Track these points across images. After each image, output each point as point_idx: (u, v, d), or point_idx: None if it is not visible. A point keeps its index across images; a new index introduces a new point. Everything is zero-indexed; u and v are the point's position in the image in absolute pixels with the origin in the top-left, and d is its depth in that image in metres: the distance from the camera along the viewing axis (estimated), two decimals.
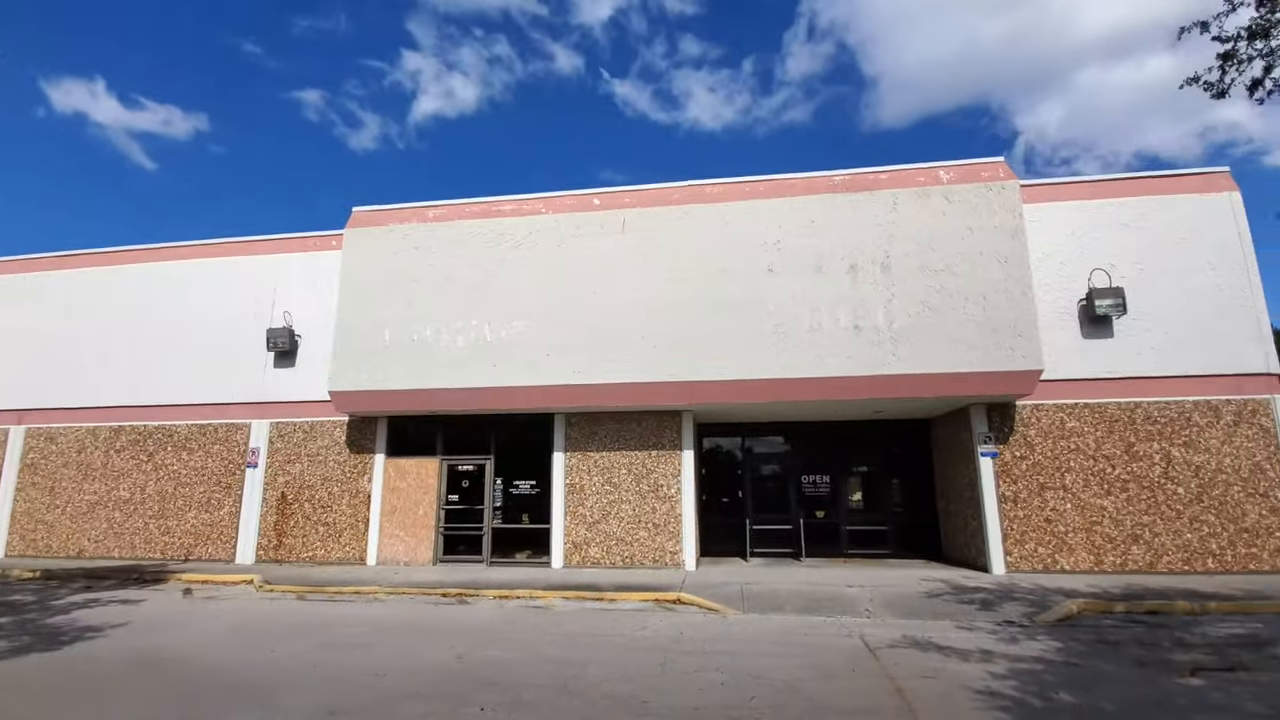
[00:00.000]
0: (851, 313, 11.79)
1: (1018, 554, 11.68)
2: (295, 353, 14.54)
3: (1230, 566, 11.18)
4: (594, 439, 13.27)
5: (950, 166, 12.14)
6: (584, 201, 13.26)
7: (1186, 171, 12.54)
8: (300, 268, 15.00)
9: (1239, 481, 11.40)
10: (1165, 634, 7.57)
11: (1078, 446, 11.86)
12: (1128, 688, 5.60)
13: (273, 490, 14.19)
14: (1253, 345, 11.71)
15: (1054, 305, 12.18)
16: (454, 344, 12.94)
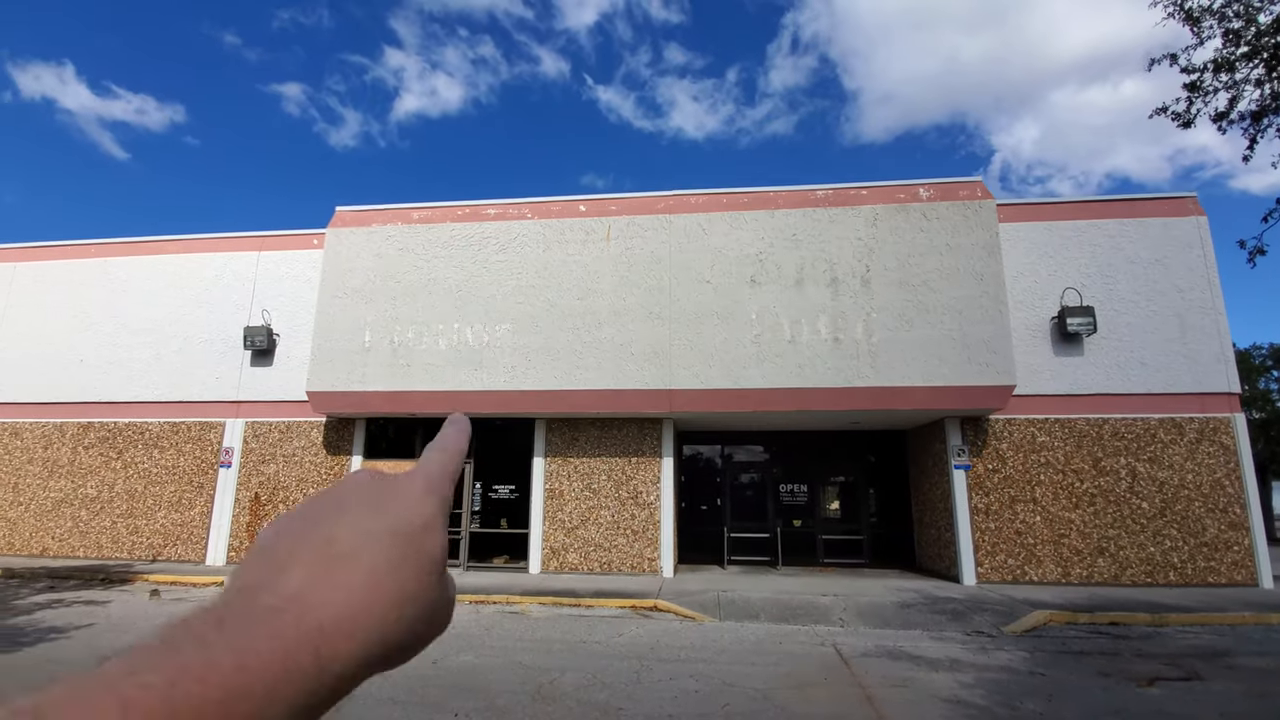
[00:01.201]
0: (831, 325, 11.98)
1: (989, 565, 11.91)
2: (273, 352, 14.36)
3: (1190, 579, 11.51)
4: (574, 445, 13.29)
5: (930, 184, 12.40)
6: (569, 207, 13.31)
7: (1156, 196, 12.95)
8: (280, 266, 14.83)
9: (1200, 497, 11.76)
10: (1127, 644, 7.78)
11: (1048, 460, 12.14)
12: (1089, 697, 5.77)
13: (246, 491, 13.98)
14: (1216, 365, 12.10)
15: (1027, 322, 12.48)
16: (435, 346, 12.89)
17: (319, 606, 0.30)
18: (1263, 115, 7.15)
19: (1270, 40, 6.69)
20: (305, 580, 0.32)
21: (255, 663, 0.27)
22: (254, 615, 0.29)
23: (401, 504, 0.37)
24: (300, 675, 0.28)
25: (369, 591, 0.32)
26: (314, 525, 0.35)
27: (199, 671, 0.26)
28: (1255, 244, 7.25)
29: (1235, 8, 6.84)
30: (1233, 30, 6.91)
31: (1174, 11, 6.98)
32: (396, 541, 0.35)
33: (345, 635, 0.30)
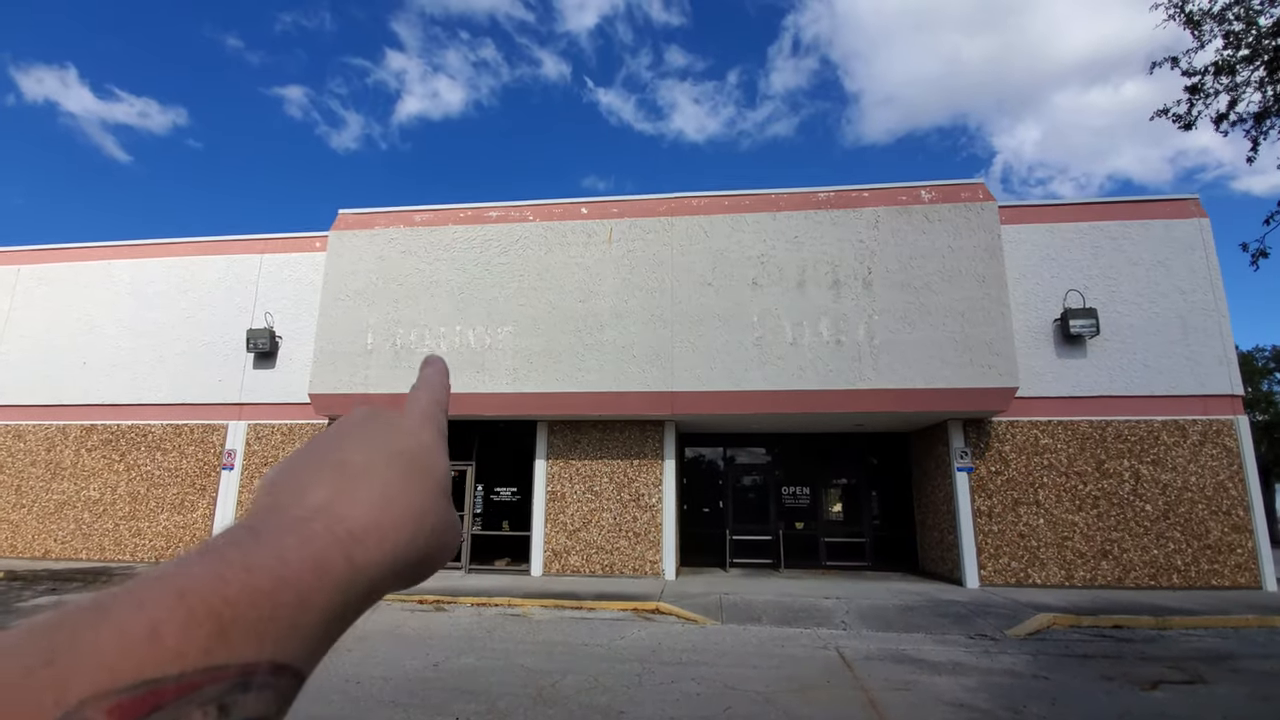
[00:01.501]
0: (833, 327, 11.97)
1: (992, 568, 11.88)
2: (275, 354, 14.39)
3: (1194, 582, 11.47)
4: (576, 447, 13.29)
5: (932, 186, 12.40)
6: (571, 210, 13.33)
7: (1158, 198, 12.94)
8: (282, 268, 14.87)
9: (1203, 499, 11.72)
10: (1130, 647, 7.76)
11: (1051, 463, 12.12)
12: (1093, 701, 5.75)
13: (248, 493, 13.99)
14: (1219, 367, 12.07)
15: (1029, 324, 12.46)
16: (437, 349, 12.90)
17: (346, 517, 0.32)
18: (1265, 117, 7.15)
19: (1271, 43, 6.69)
20: (328, 495, 0.33)
21: (294, 558, 0.28)
22: (285, 525, 0.31)
23: (402, 431, 0.39)
24: (334, 574, 0.29)
25: (388, 504, 0.34)
26: (324, 453, 0.36)
27: (244, 564, 0.27)
28: (1258, 246, 7.24)
29: (1236, 10, 6.84)
30: (1233, 33, 6.91)
31: (1174, 14, 6.98)
32: (404, 461, 0.37)
33: (374, 541, 0.32)
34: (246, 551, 0.28)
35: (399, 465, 0.36)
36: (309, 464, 0.36)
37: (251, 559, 0.27)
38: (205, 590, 0.25)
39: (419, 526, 0.35)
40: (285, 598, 0.27)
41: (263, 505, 0.33)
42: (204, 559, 0.27)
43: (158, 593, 0.25)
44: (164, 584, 0.25)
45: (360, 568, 0.31)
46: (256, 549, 0.28)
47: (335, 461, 0.35)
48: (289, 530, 0.30)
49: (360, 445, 0.37)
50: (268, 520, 0.31)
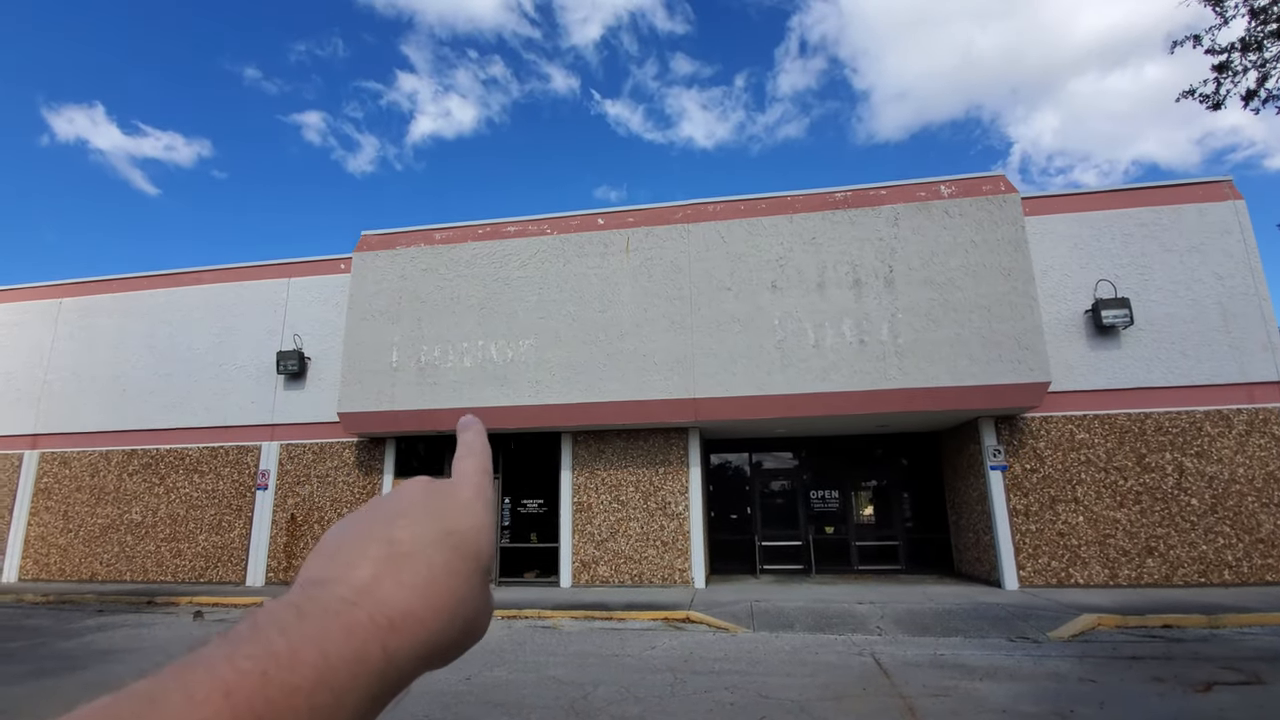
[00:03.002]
0: (856, 327, 11.82)
1: (1030, 568, 11.54)
2: (305, 375, 14.68)
3: (1247, 578, 11.00)
4: (601, 457, 13.28)
5: (951, 181, 12.20)
6: (588, 221, 13.40)
7: (1189, 181, 12.55)
8: (309, 290, 15.20)
9: (1253, 492, 11.26)
10: (1181, 648, 7.45)
11: (1088, 458, 11.76)
12: (1144, 703, 5.53)
13: (282, 512, 14.26)
14: (1262, 353, 11.62)
15: (1059, 317, 12.15)
16: (461, 364, 13.04)
17: (388, 602, 0.32)
18: None
19: None
20: (374, 576, 0.33)
21: (335, 653, 0.29)
22: (330, 607, 0.31)
23: (454, 509, 0.39)
24: (371, 667, 0.30)
25: (430, 591, 0.34)
26: (375, 527, 0.37)
27: (287, 659, 0.27)
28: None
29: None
30: (1260, 8, 6.70)
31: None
32: (451, 544, 0.37)
33: (410, 632, 0.32)
34: (291, 640, 0.28)
35: (446, 548, 0.36)
36: (361, 535, 0.36)
37: (296, 651, 0.28)
38: (250, 690, 0.26)
39: (455, 614, 0.35)
40: (322, 699, 0.28)
41: (312, 575, 0.34)
42: (253, 643, 0.28)
43: (207, 688, 0.25)
44: (213, 677, 0.26)
45: (394, 659, 0.31)
46: (301, 637, 0.29)
47: (385, 537, 0.36)
48: (333, 613, 0.31)
49: (411, 524, 0.37)
50: (314, 598, 0.32)
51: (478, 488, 0.42)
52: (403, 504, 0.39)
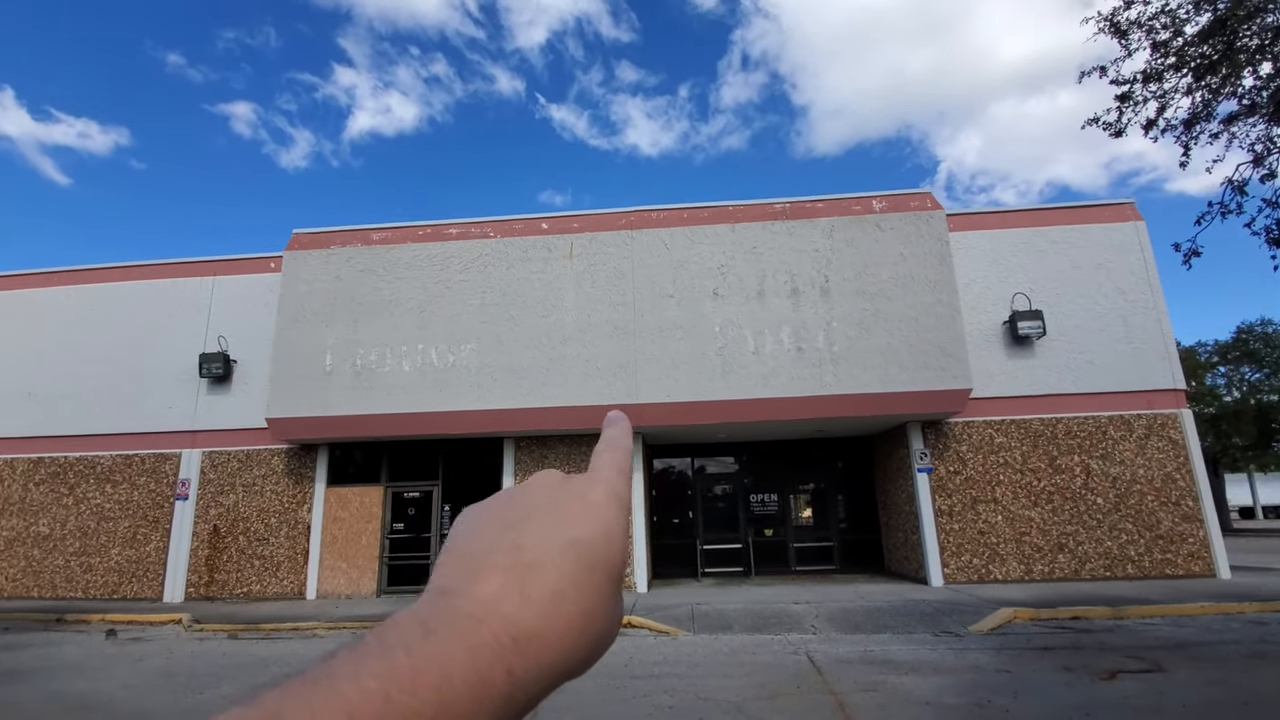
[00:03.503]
0: (794, 335, 12.16)
1: (954, 565, 12.12)
2: (230, 378, 13.98)
3: (1148, 571, 11.88)
4: (544, 462, 13.18)
5: (882, 196, 12.74)
6: (532, 225, 13.32)
7: (1096, 203, 13.52)
8: (235, 290, 14.49)
9: (1152, 491, 12.18)
10: (1089, 638, 7.98)
11: (1006, 461, 12.46)
12: (1054, 692, 5.89)
13: (204, 523, 13.52)
14: (1160, 363, 12.60)
15: (980, 327, 12.85)
16: (400, 368, 12.71)
17: (513, 620, 0.31)
18: (1194, 123, 7.51)
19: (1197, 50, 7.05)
20: (499, 589, 0.32)
21: (458, 675, 0.28)
22: (455, 624, 0.30)
23: (584, 511, 0.37)
24: (494, 691, 0.28)
25: (557, 606, 0.32)
26: (502, 530, 0.35)
27: (409, 681, 0.27)
28: (1190, 246, 7.59)
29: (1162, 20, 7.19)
30: (1160, 42, 7.26)
31: (1104, 26, 7.33)
32: (580, 553, 0.35)
33: (535, 653, 0.30)
34: (415, 659, 0.28)
35: (575, 558, 0.34)
36: (488, 538, 0.35)
37: (419, 673, 0.27)
38: (371, 713, 0.25)
39: (584, 630, 0.33)
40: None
41: (440, 583, 0.33)
42: (378, 660, 0.27)
43: (330, 710, 0.25)
44: (337, 697, 0.26)
45: (519, 681, 0.29)
46: (425, 657, 0.28)
47: (512, 544, 0.34)
48: (458, 630, 0.29)
49: (539, 528, 0.35)
50: (441, 612, 0.31)
51: (611, 489, 0.39)
52: (530, 505, 0.37)
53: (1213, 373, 31.10)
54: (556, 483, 0.40)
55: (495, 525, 0.36)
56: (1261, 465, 39.03)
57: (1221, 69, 6.83)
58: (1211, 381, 30.80)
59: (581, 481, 0.40)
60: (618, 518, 0.38)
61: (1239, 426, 29.48)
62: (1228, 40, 6.66)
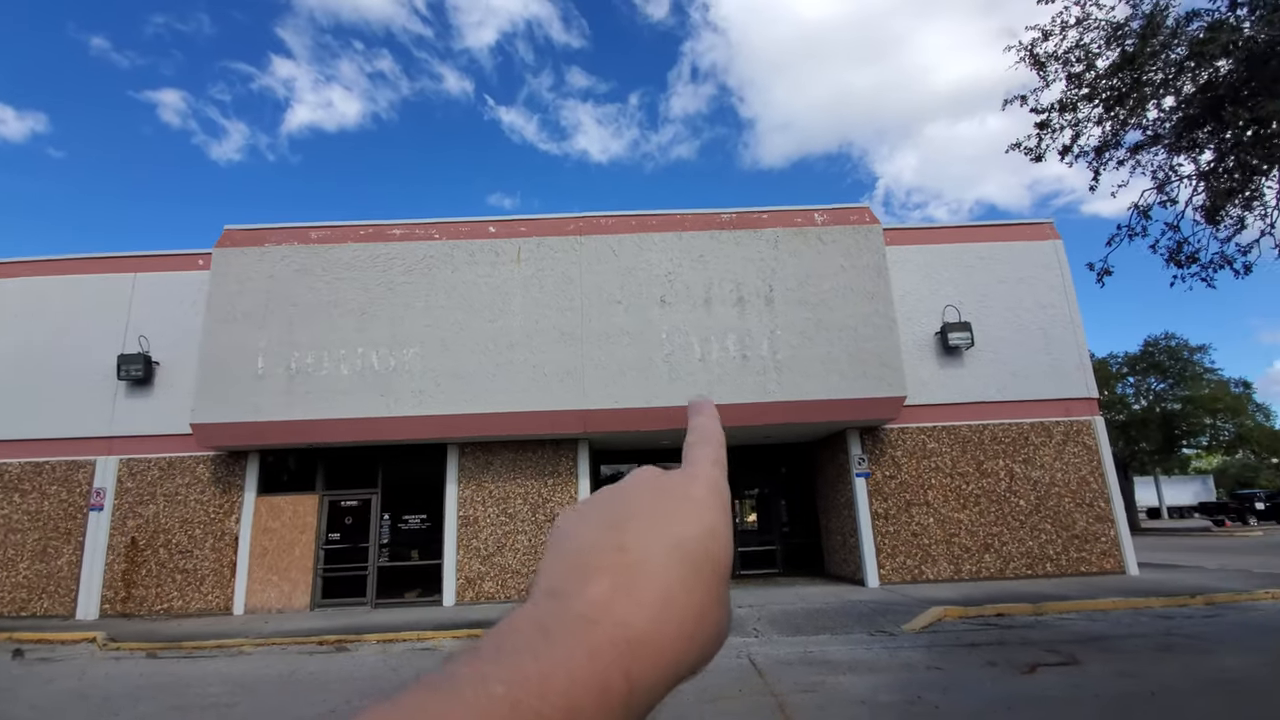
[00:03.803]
0: (739, 343, 12.40)
1: (889, 567, 12.58)
2: (152, 381, 13.20)
3: (1065, 569, 12.62)
4: (489, 469, 12.98)
5: (824, 210, 13.17)
6: (479, 228, 13.14)
7: (1019, 222, 14.36)
8: (159, 288, 13.71)
9: (1069, 493, 12.96)
10: (1012, 634, 8.41)
11: (937, 465, 13.03)
12: (981, 687, 6.19)
13: (121, 535, 12.70)
14: (1076, 373, 13.45)
15: (914, 337, 13.42)
16: (338, 372, 12.30)
17: (627, 623, 0.30)
18: (1103, 150, 8.08)
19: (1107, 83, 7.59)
20: (609, 590, 0.31)
21: (581, 680, 0.27)
22: (571, 626, 0.29)
23: (686, 509, 0.36)
24: (614, 698, 0.27)
25: (667, 608, 0.31)
26: (605, 530, 0.34)
27: (537, 687, 0.26)
28: (1102, 265, 8.15)
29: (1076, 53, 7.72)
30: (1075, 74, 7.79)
31: (1024, 57, 7.82)
32: (684, 553, 0.33)
33: (650, 656, 0.29)
34: (541, 664, 0.27)
35: (680, 557, 0.33)
36: (593, 538, 0.34)
37: (546, 677, 0.26)
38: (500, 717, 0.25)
39: (695, 632, 0.31)
40: None
41: (549, 585, 0.32)
42: (502, 665, 0.27)
43: (457, 715, 0.25)
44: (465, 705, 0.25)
45: (637, 687, 0.28)
46: (550, 661, 0.27)
47: (616, 544, 0.33)
48: (575, 633, 0.29)
49: (642, 527, 0.34)
50: (556, 614, 0.30)
51: (712, 484, 0.38)
52: (631, 504, 0.36)
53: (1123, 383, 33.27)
54: (655, 480, 0.39)
55: (598, 525, 0.35)
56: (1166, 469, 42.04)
57: (1129, 101, 7.39)
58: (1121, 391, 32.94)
59: (680, 477, 0.39)
60: (720, 513, 0.37)
61: (1146, 433, 31.65)
62: (1135, 75, 7.21)
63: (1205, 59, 6.67)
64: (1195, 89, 7.11)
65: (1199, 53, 6.60)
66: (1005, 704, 5.58)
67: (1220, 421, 31.19)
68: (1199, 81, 7.08)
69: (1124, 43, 7.22)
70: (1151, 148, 7.82)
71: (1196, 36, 6.66)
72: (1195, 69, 6.98)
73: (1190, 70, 7.03)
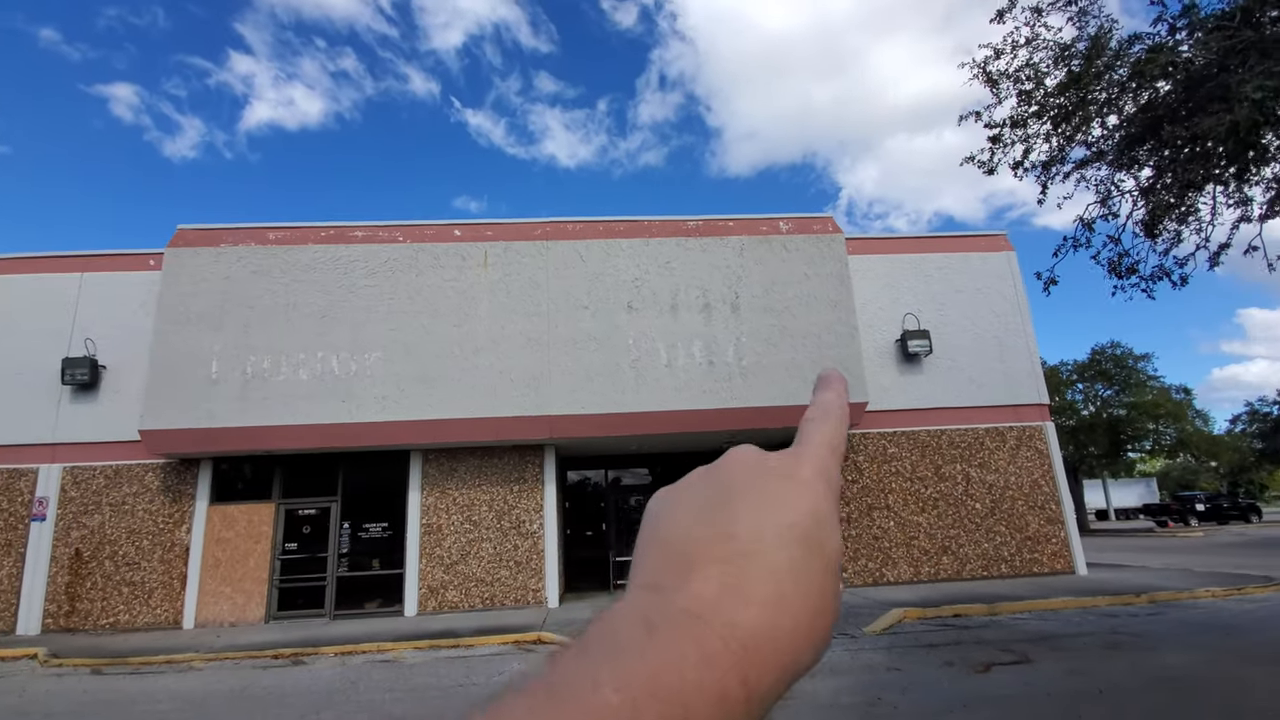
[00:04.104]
0: (705, 349, 12.50)
1: (852, 570, 12.79)
2: (98, 386, 12.68)
3: (1019, 570, 13.00)
4: (453, 476, 12.80)
5: (788, 218, 13.39)
6: (444, 231, 12.99)
7: (975, 233, 14.83)
8: (108, 289, 13.19)
9: (1022, 497, 13.38)
10: (968, 634, 8.63)
11: (897, 470, 13.33)
12: (938, 686, 6.33)
13: (64, 547, 12.14)
14: (1028, 380, 13.91)
15: (875, 345, 13.73)
16: (296, 377, 11.99)
17: (739, 622, 0.27)
18: (1051, 165, 8.41)
19: (1055, 101, 7.91)
20: (717, 585, 0.28)
21: (694, 681, 0.25)
22: (678, 623, 0.27)
23: (793, 493, 0.33)
24: (732, 704, 0.25)
25: (782, 602, 0.28)
26: (708, 515, 0.32)
27: (650, 686, 0.24)
28: (1049, 275, 8.46)
29: (1026, 72, 8.03)
30: (1025, 92, 8.10)
31: (978, 74, 8.10)
32: (796, 541, 0.31)
33: (766, 657, 0.27)
34: (650, 664, 0.25)
35: (791, 544, 0.30)
36: (694, 525, 0.31)
37: (656, 673, 0.25)
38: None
39: (811, 629, 0.29)
40: None
41: (648, 578, 0.30)
42: (613, 665, 0.25)
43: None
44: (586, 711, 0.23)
45: (754, 692, 0.26)
46: (660, 661, 0.25)
47: (722, 533, 0.30)
48: (683, 631, 0.26)
49: (748, 513, 0.31)
50: (657, 609, 0.27)
51: (820, 465, 0.35)
52: (733, 485, 0.33)
53: (1073, 389, 34.50)
54: (757, 459, 0.35)
55: (698, 509, 0.32)
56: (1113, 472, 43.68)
57: (1075, 119, 7.71)
58: (1071, 397, 34.14)
59: (787, 457, 0.36)
60: (827, 497, 0.34)
61: (1094, 437, 32.85)
62: (1080, 94, 7.54)
63: (1145, 79, 7.01)
64: (1136, 108, 7.47)
65: (1139, 73, 6.93)
66: (961, 703, 5.72)
67: (1162, 427, 32.56)
68: (1140, 101, 7.43)
69: (1070, 63, 7.54)
70: (1095, 163, 8.17)
71: (1138, 58, 6.99)
72: (1136, 89, 7.33)
73: (1132, 90, 7.38)
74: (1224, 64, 6.32)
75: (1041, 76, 7.95)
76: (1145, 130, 7.40)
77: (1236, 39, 6.21)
